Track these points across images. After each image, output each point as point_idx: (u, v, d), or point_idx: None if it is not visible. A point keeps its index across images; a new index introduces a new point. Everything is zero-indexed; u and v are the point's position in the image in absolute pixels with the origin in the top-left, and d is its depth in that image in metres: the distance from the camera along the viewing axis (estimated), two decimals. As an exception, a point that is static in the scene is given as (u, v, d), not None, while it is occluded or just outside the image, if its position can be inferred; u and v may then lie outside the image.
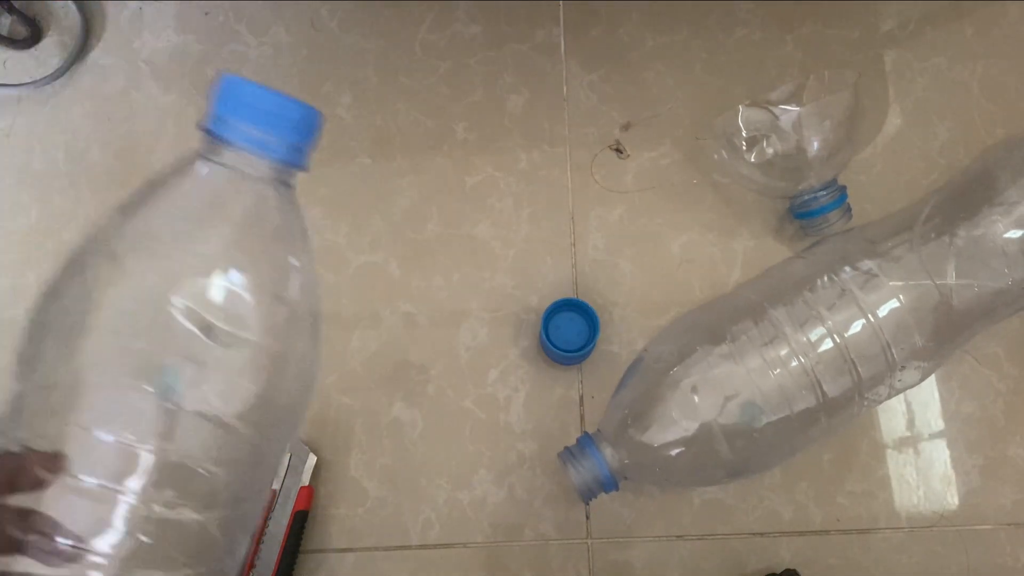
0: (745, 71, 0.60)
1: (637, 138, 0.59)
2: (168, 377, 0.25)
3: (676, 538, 0.53)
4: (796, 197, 0.54)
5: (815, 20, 0.61)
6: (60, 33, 0.63)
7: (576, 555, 0.53)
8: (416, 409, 0.55)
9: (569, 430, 0.54)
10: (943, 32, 0.61)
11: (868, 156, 0.58)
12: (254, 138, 0.26)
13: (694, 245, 0.57)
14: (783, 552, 0.52)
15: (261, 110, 0.26)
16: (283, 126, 0.26)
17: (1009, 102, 0.59)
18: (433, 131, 0.60)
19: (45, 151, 0.61)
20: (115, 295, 0.26)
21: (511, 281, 0.57)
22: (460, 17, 0.62)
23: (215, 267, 0.26)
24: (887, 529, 0.53)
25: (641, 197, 0.58)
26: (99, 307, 0.26)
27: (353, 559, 0.53)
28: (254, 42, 0.62)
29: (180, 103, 0.61)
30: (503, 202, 0.58)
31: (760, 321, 0.47)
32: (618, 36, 0.61)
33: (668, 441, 0.45)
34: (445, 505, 0.54)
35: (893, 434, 0.54)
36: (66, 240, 0.59)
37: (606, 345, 0.56)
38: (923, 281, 0.47)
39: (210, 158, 0.27)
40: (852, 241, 0.50)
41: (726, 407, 0.45)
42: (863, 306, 0.46)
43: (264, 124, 0.26)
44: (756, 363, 0.45)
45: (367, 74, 0.61)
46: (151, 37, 0.62)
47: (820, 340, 0.46)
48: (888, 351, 0.46)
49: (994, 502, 0.53)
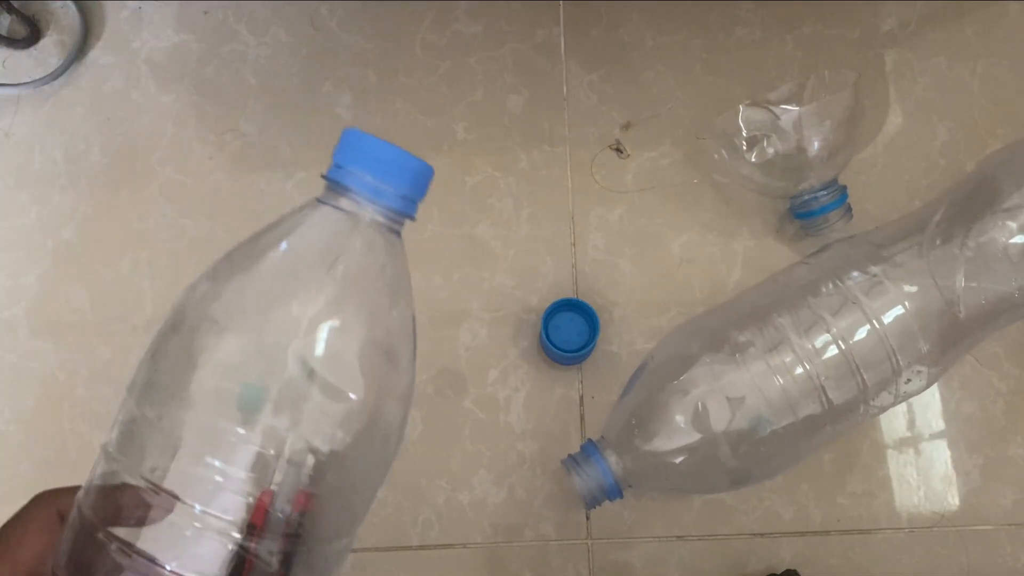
0: (745, 71, 0.60)
1: (637, 138, 0.59)
2: (250, 393, 0.26)
3: (676, 538, 0.53)
4: (796, 197, 0.54)
5: (815, 20, 0.61)
6: (59, 33, 0.63)
7: (576, 555, 0.53)
8: (416, 409, 0.55)
9: (569, 430, 0.54)
10: (943, 32, 0.61)
11: (868, 156, 0.58)
12: (370, 185, 0.28)
13: (694, 245, 0.57)
14: (783, 552, 0.52)
15: (379, 160, 0.28)
16: (398, 176, 0.29)
17: (1009, 102, 0.59)
18: (433, 131, 0.60)
19: (44, 151, 0.61)
20: (228, 343, 0.28)
21: (511, 281, 0.57)
22: (460, 17, 0.62)
23: (326, 315, 0.28)
24: (888, 529, 0.53)
25: (641, 197, 0.58)
26: (213, 351, 0.28)
27: (353, 559, 0.53)
28: (254, 42, 0.62)
29: (179, 102, 0.61)
30: (503, 202, 0.58)
31: (765, 327, 0.46)
32: (618, 36, 0.61)
33: (673, 448, 0.45)
34: (445, 505, 0.53)
35: (894, 434, 0.54)
36: (66, 239, 0.58)
37: (606, 345, 0.55)
38: (928, 287, 0.47)
39: (328, 202, 0.29)
40: (857, 246, 0.50)
41: (731, 414, 0.45)
42: (868, 312, 0.46)
43: (381, 173, 0.28)
44: (761, 370, 0.45)
45: (367, 74, 0.61)
46: (150, 37, 0.62)
47: (825, 346, 0.45)
48: (893, 357, 0.46)
49: (995, 502, 0.53)
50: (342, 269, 0.29)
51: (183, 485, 0.26)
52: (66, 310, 0.57)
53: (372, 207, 0.28)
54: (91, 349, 0.57)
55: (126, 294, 0.57)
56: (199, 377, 0.27)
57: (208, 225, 0.58)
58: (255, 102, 0.61)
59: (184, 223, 0.59)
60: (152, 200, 0.59)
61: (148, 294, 0.57)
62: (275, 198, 0.59)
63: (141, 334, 0.57)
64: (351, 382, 0.28)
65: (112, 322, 0.57)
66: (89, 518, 0.26)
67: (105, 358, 0.56)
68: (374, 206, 0.28)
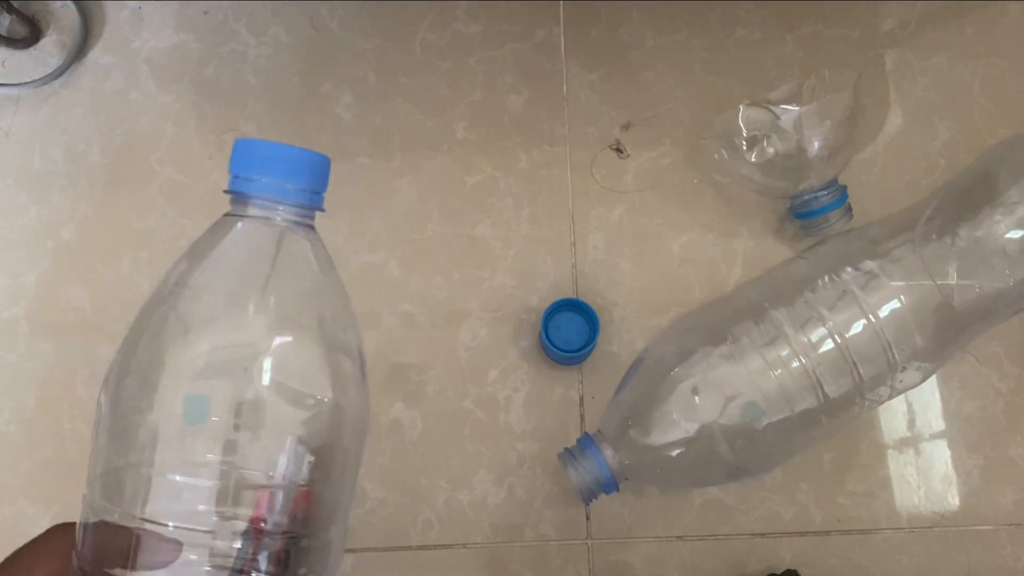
0: (745, 71, 0.60)
1: (637, 138, 0.59)
2: (195, 404, 0.27)
3: (676, 538, 0.53)
4: (796, 197, 0.54)
5: (815, 20, 0.61)
6: (59, 33, 0.63)
7: (576, 555, 0.53)
8: (416, 409, 0.55)
9: (569, 430, 0.54)
10: (943, 32, 0.61)
11: (868, 156, 0.58)
12: (273, 187, 0.29)
13: (694, 245, 0.57)
14: (784, 553, 0.52)
15: (275, 160, 0.29)
16: (297, 172, 0.29)
17: (1009, 102, 0.59)
18: (433, 131, 0.60)
19: (44, 151, 0.60)
20: (182, 358, 0.29)
21: (511, 281, 0.57)
22: (460, 17, 0.62)
23: (275, 327, 0.29)
24: (888, 529, 0.53)
25: (641, 197, 0.58)
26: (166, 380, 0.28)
27: (353, 560, 0.53)
28: (254, 42, 0.62)
29: (179, 102, 0.61)
30: (503, 202, 0.58)
31: (761, 322, 0.47)
32: (618, 36, 0.61)
33: (669, 442, 0.45)
34: (445, 506, 0.53)
35: (894, 434, 0.54)
36: (66, 239, 0.58)
37: (606, 345, 0.55)
38: (924, 281, 0.47)
39: (238, 215, 0.30)
40: (853, 241, 0.50)
41: (727, 408, 0.45)
42: (864, 306, 0.46)
43: (279, 173, 0.29)
44: (757, 364, 0.45)
45: (367, 74, 0.61)
46: (150, 36, 0.62)
47: (821, 341, 0.46)
48: (889, 352, 0.46)
49: (995, 502, 0.53)
50: (273, 277, 0.29)
51: (168, 516, 0.26)
52: (66, 310, 0.57)
53: (281, 208, 0.29)
54: (91, 349, 0.57)
55: (126, 294, 0.57)
56: (159, 413, 0.28)
57: (208, 225, 0.58)
58: (255, 102, 0.61)
59: (184, 223, 0.59)
60: (152, 200, 0.59)
61: (148, 294, 0.57)
62: (275, 198, 0.59)
63: (141, 334, 0.57)
64: (314, 385, 0.28)
65: (112, 322, 0.57)
66: (86, 559, 0.27)
67: (105, 358, 0.56)
68: (282, 206, 0.29)
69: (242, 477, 0.27)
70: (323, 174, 0.30)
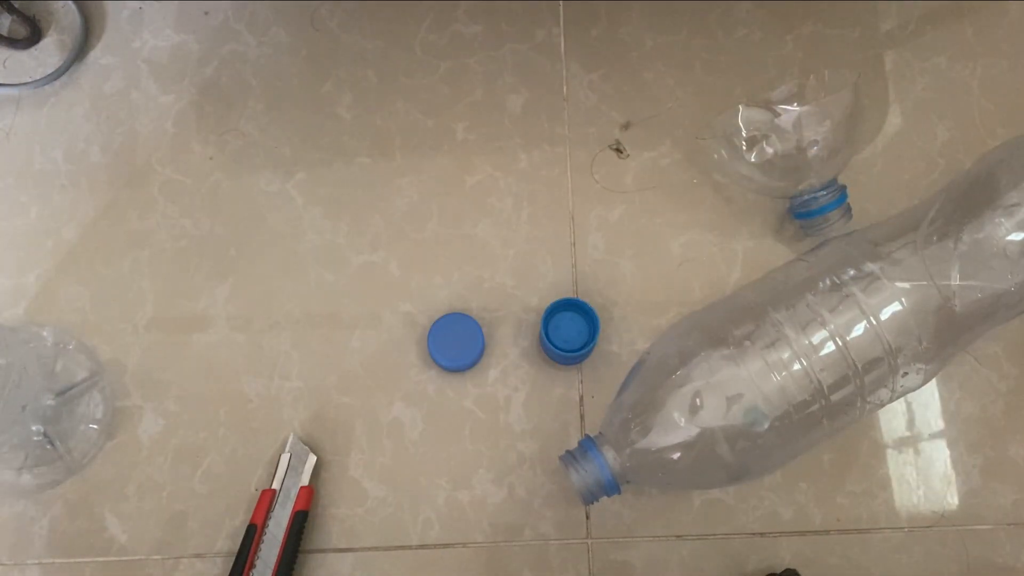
0: (745, 71, 0.60)
1: (637, 138, 0.59)
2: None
3: (676, 538, 0.53)
4: (796, 197, 0.54)
5: (815, 20, 0.61)
6: (60, 33, 0.63)
7: (576, 555, 0.53)
8: (416, 409, 0.55)
9: (569, 430, 0.54)
10: (943, 32, 0.61)
11: (868, 156, 0.58)
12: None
13: (694, 245, 0.57)
14: (783, 552, 0.52)
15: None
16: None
17: (1009, 102, 0.59)
18: (433, 131, 0.60)
19: (45, 151, 0.61)
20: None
21: (511, 281, 0.57)
22: (460, 17, 0.62)
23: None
24: (887, 529, 0.53)
25: (641, 197, 0.58)
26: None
27: (353, 559, 0.53)
28: (254, 42, 0.62)
29: (179, 102, 0.61)
30: (503, 202, 0.58)
31: (762, 324, 0.47)
32: (618, 36, 0.61)
33: (670, 444, 0.45)
34: (445, 505, 0.53)
35: (893, 434, 0.54)
36: (66, 239, 0.59)
37: (606, 345, 0.55)
38: (925, 283, 0.47)
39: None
40: (854, 243, 0.50)
41: (728, 410, 0.45)
42: (865, 308, 0.46)
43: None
44: (758, 366, 0.45)
45: (367, 74, 0.61)
46: (151, 37, 0.62)
47: (822, 343, 0.46)
48: (890, 354, 0.46)
49: (994, 502, 0.53)
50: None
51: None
52: (66, 310, 0.57)
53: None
54: (91, 349, 0.57)
55: (126, 294, 0.57)
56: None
57: (208, 225, 0.58)
58: (255, 102, 0.61)
59: (184, 223, 0.59)
60: (152, 200, 0.59)
61: (148, 294, 0.57)
62: (275, 198, 0.59)
63: (141, 334, 0.57)
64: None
65: (112, 322, 0.57)
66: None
67: (105, 358, 0.56)
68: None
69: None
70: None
